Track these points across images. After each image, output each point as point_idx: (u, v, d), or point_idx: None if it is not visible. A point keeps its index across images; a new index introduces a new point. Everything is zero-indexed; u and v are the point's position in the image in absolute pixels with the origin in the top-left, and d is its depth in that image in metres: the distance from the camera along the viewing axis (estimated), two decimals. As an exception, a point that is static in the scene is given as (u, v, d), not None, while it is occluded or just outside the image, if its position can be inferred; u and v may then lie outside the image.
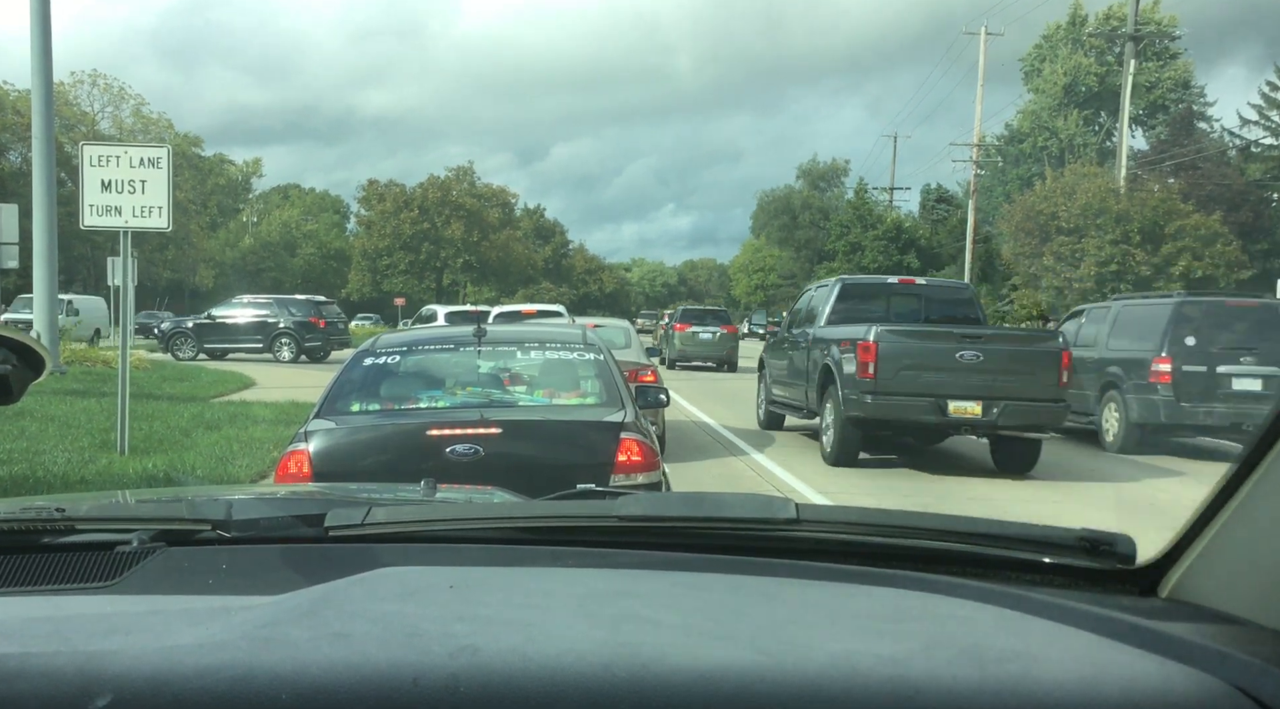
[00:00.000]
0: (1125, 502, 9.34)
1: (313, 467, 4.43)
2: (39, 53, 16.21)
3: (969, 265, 51.89)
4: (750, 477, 9.93)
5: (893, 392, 9.95)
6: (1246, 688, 0.92)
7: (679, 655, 0.95)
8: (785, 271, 76.97)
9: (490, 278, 71.86)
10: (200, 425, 11.92)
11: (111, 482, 8.20)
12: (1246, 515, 1.13)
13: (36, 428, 10.93)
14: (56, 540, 1.45)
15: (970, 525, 1.41)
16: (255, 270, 70.97)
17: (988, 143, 57.62)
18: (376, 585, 1.18)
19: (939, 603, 1.17)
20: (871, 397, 9.98)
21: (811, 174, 78.94)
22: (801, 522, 1.38)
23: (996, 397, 9.79)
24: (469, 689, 0.87)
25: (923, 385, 9.91)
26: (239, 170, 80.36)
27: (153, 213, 9.38)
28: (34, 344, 1.35)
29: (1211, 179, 46.33)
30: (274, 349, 26.69)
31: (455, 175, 72.37)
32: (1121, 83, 44.20)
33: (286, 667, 0.90)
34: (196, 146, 68.87)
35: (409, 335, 6.01)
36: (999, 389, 9.84)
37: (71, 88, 56.91)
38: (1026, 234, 45.02)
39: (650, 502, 1.53)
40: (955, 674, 0.93)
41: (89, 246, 49.59)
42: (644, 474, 4.55)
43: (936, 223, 63.74)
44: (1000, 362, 10.00)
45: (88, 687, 0.87)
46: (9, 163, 52.69)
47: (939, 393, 9.87)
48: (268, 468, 8.83)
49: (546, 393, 5.29)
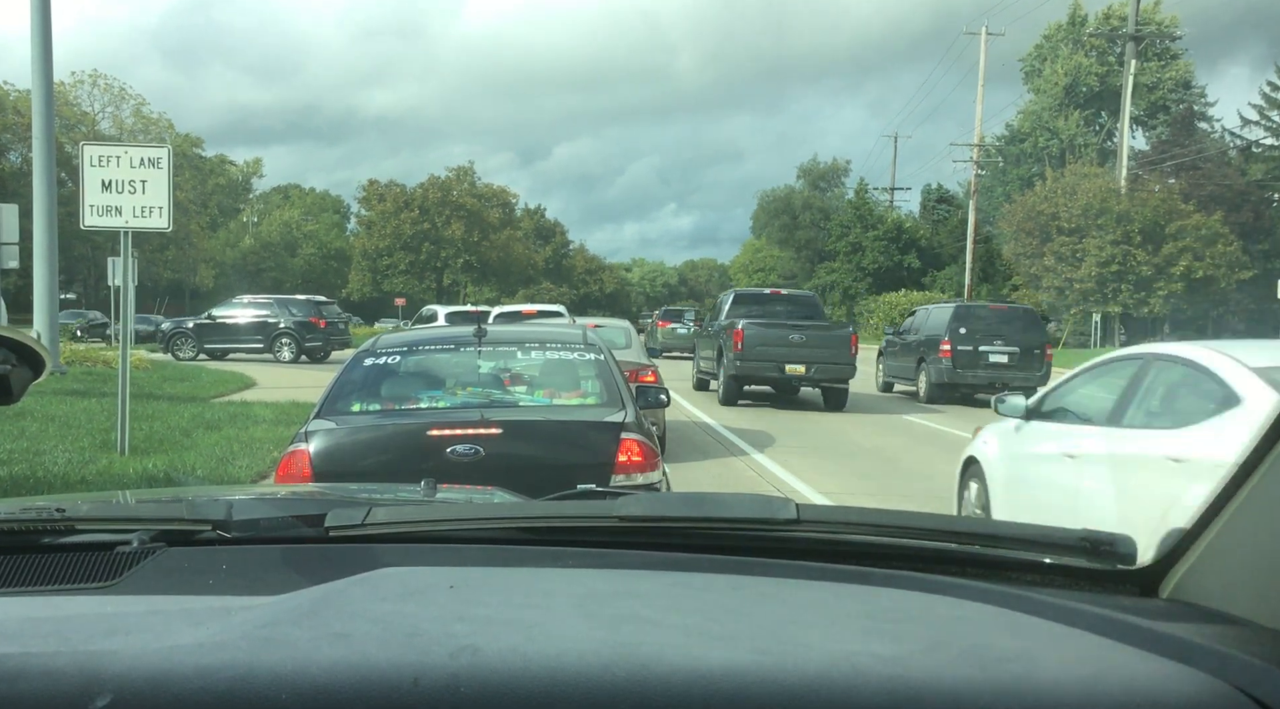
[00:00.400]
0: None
1: (313, 467, 4.43)
2: (39, 53, 16.22)
3: (969, 265, 51.90)
4: (750, 477, 9.93)
5: (753, 359, 16.03)
6: (1247, 688, 0.92)
7: (679, 656, 0.95)
8: (786, 272, 76.96)
9: (490, 278, 71.89)
10: (200, 425, 11.93)
11: (111, 482, 8.20)
12: (1246, 516, 1.13)
13: (36, 428, 10.93)
14: (56, 540, 1.45)
15: (971, 526, 1.41)
16: (255, 270, 71.04)
17: (988, 143, 57.64)
18: (377, 586, 1.18)
19: (939, 603, 1.17)
20: (740, 362, 16.07)
21: (812, 174, 78.96)
22: (801, 522, 1.38)
23: (813, 361, 16.02)
24: (469, 689, 0.87)
25: (770, 355, 15.99)
26: (239, 170, 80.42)
27: (153, 213, 9.38)
28: (34, 344, 1.35)
29: (1212, 179, 46.31)
30: (274, 349, 26.69)
31: (455, 175, 72.41)
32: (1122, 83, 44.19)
33: (287, 667, 0.90)
34: (197, 147, 68.94)
35: (409, 335, 6.00)
36: (814, 357, 16.04)
37: (72, 88, 56.96)
38: (1027, 234, 45.03)
39: (650, 502, 1.53)
40: (956, 675, 0.93)
41: (89, 247, 49.64)
42: (644, 474, 4.55)
43: (937, 223, 63.76)
44: (815, 340, 16.14)
45: (88, 687, 0.87)
46: (9, 163, 52.76)
47: (780, 359, 15.97)
48: (268, 468, 8.84)
49: (547, 393, 5.29)
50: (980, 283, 53.68)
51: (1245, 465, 1.12)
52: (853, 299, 56.64)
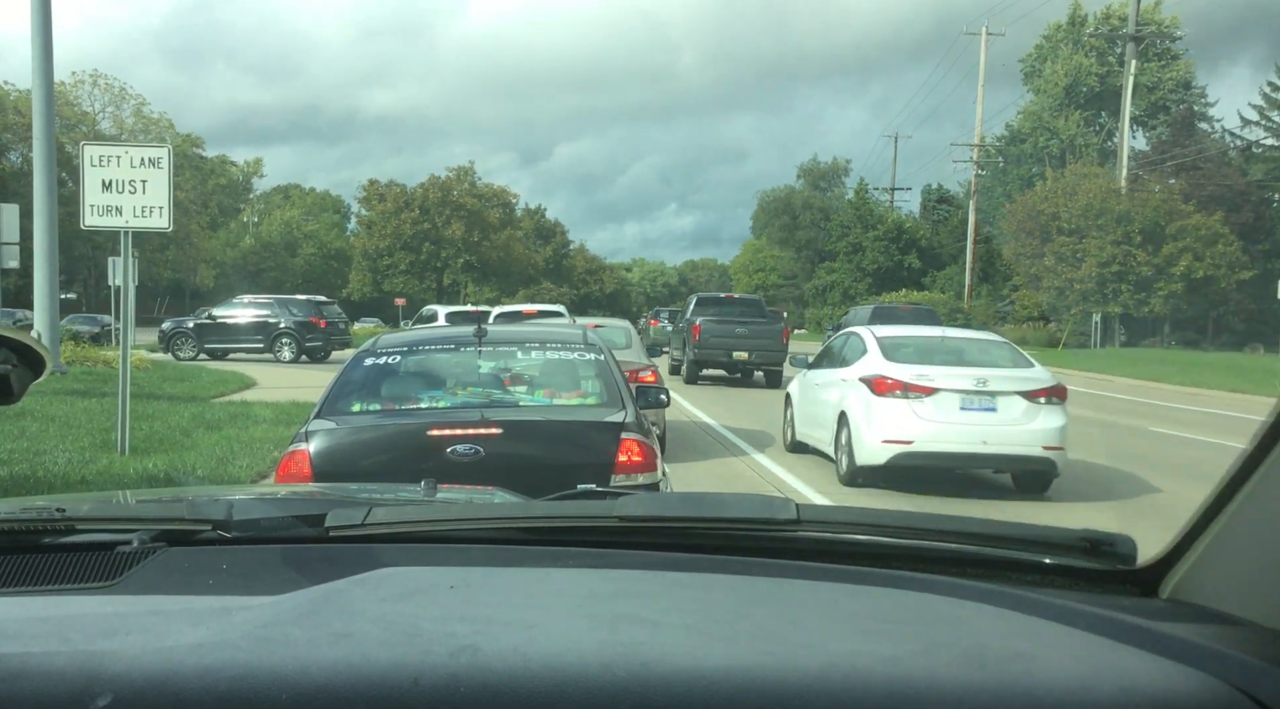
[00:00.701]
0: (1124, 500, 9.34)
1: (313, 467, 4.43)
2: (40, 53, 16.22)
3: (970, 265, 51.89)
4: (750, 477, 9.93)
5: (707, 348, 20.92)
6: (1246, 688, 0.92)
7: (679, 656, 0.95)
8: (786, 272, 76.95)
9: (491, 278, 71.88)
10: (201, 425, 11.92)
11: (112, 482, 8.20)
12: (1246, 516, 1.13)
13: (36, 428, 10.93)
14: (57, 540, 1.44)
15: (971, 526, 1.41)
16: (256, 270, 70.99)
17: (989, 143, 57.63)
18: (377, 585, 1.18)
19: (940, 604, 1.17)
20: (698, 350, 20.95)
21: (812, 174, 78.93)
22: (802, 522, 1.38)
23: (753, 349, 20.79)
24: (469, 689, 0.87)
25: (722, 344, 20.82)
26: (240, 170, 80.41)
27: (153, 213, 9.38)
28: (34, 344, 1.35)
29: (1212, 180, 46.30)
30: (274, 349, 26.69)
31: (456, 175, 72.39)
32: (1123, 83, 44.17)
33: (287, 667, 0.90)
34: (197, 146, 68.91)
35: (409, 335, 6.00)
36: (754, 345, 20.79)
37: (72, 88, 56.95)
38: (1027, 234, 45.02)
39: (650, 502, 1.53)
40: (956, 675, 0.93)
41: (90, 246, 49.62)
42: (644, 474, 4.55)
43: (937, 223, 63.76)
44: (755, 333, 20.97)
45: (88, 686, 0.87)
46: (10, 163, 52.74)
47: (729, 347, 20.81)
48: (268, 468, 8.83)
49: (547, 393, 5.29)
50: (980, 283, 53.70)
51: (1245, 465, 1.12)
52: (853, 299, 56.60)
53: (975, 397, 8.95)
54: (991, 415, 8.92)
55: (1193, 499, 1.20)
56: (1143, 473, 10.82)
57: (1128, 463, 11.29)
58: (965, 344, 10.21)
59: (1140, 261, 41.43)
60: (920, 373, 9.10)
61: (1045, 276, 44.37)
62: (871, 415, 9.08)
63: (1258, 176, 50.00)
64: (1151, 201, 42.23)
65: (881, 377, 9.17)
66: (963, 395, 8.94)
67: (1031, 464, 9.04)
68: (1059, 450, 8.89)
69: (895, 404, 8.98)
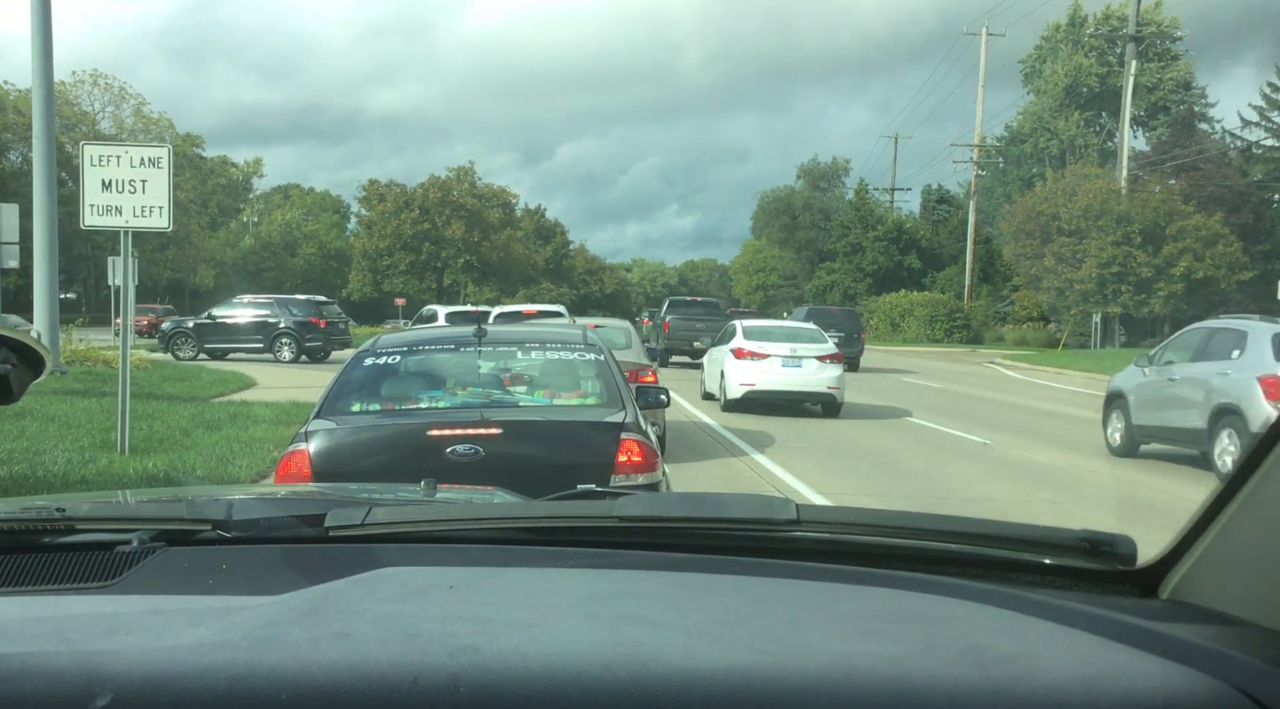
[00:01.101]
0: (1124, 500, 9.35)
1: (313, 467, 4.42)
2: (40, 53, 16.21)
3: (970, 266, 51.90)
4: (750, 477, 9.93)
5: (675, 338, 27.63)
6: (1246, 689, 0.92)
7: (679, 656, 0.95)
8: (786, 272, 76.89)
9: (491, 278, 71.88)
10: (200, 425, 11.92)
11: (111, 482, 8.20)
12: (1246, 516, 1.13)
13: (36, 428, 10.93)
14: (56, 540, 1.44)
15: (970, 526, 1.41)
16: (256, 270, 70.95)
17: (989, 143, 57.61)
18: (377, 585, 1.18)
19: (939, 604, 1.17)
20: (668, 339, 27.68)
21: (812, 174, 78.81)
22: (801, 522, 1.38)
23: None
24: (469, 689, 0.87)
25: (687, 335, 27.23)
26: (240, 170, 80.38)
27: (153, 213, 9.38)
28: (34, 344, 1.35)
29: (1213, 180, 46.27)
30: (274, 349, 26.68)
31: (456, 175, 72.38)
32: (1123, 84, 44.17)
33: (287, 667, 0.90)
34: (197, 146, 68.92)
35: (409, 335, 6.00)
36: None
37: (72, 87, 56.98)
38: (1027, 235, 44.96)
39: (650, 502, 1.53)
40: (955, 675, 0.93)
41: (89, 246, 49.65)
42: (644, 474, 4.55)
43: (937, 223, 63.71)
44: (711, 327, 24.33)
45: (88, 686, 0.87)
46: (9, 162, 52.76)
47: (690, 338, 26.87)
48: (268, 468, 8.83)
49: (547, 393, 5.29)
50: (980, 283, 53.69)
51: (1245, 466, 1.12)
52: (853, 299, 56.62)
53: (790, 359, 15.54)
54: (799, 369, 15.50)
55: (1193, 500, 1.20)
56: (1143, 473, 10.82)
57: (1127, 466, 11.29)
58: (792, 329, 17.62)
59: (1140, 262, 41.39)
60: (761, 346, 15.65)
61: (1045, 277, 44.31)
62: (735, 371, 15.63)
63: (1258, 177, 49.96)
64: (1151, 202, 42.19)
65: (740, 348, 15.79)
66: (783, 359, 15.52)
67: (822, 398, 15.56)
68: (838, 389, 15.45)
69: (746, 364, 15.55)
